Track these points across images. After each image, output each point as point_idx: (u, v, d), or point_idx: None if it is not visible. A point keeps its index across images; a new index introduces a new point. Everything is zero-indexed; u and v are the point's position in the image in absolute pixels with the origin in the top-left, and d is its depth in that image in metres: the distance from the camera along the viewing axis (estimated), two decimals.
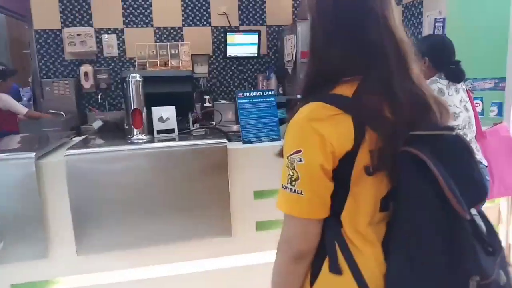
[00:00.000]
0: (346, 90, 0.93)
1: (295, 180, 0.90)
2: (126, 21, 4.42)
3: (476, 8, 2.93)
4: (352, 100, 0.91)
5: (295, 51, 3.89)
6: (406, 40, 0.95)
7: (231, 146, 2.13)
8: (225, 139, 2.07)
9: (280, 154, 0.98)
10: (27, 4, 4.22)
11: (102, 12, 4.37)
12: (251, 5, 4.59)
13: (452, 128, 0.91)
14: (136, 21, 4.44)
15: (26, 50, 4.60)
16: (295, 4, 4.66)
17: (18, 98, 4.70)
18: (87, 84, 4.29)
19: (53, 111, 4.04)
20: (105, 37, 4.40)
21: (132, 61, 4.43)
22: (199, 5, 4.52)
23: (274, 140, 2.24)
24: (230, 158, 2.08)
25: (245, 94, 2.24)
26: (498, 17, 2.70)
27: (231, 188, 2.10)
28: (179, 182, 2.03)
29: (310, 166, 0.89)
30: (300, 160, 0.89)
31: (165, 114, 2.16)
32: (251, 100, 2.24)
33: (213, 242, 2.12)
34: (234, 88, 4.73)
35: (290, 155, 0.90)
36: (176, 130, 2.21)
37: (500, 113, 2.62)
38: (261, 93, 2.28)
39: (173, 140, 2.15)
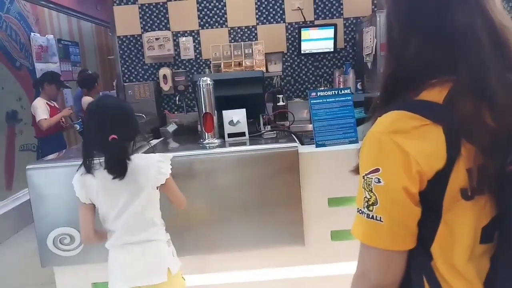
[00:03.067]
0: (435, 94, 0.76)
1: (372, 204, 0.76)
2: (202, 23, 4.48)
3: None
4: (443, 107, 0.74)
5: (374, 43, 3.64)
6: (508, 26, 0.76)
7: (303, 149, 2.02)
8: (296, 143, 1.96)
9: (356, 171, 0.84)
10: (111, 12, 4.45)
11: (179, 16, 4.46)
12: None
13: None
14: (211, 22, 4.48)
15: (111, 56, 4.86)
16: None
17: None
18: (166, 87, 4.41)
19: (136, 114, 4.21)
20: (181, 40, 4.49)
21: (208, 62, 4.48)
22: (273, 2, 4.43)
23: (351, 142, 2.08)
24: (302, 163, 1.97)
25: (318, 93, 2.11)
26: None
27: (304, 194, 1.99)
28: (249, 188, 1.97)
29: (391, 189, 0.74)
30: (379, 181, 0.75)
31: (236, 117, 2.11)
32: (325, 100, 2.10)
33: (285, 250, 2.03)
34: (309, 86, 4.57)
35: (366, 175, 0.77)
36: (246, 133, 2.15)
37: None
38: (336, 91, 2.12)
39: (244, 144, 2.09)
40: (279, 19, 4.46)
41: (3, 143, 4.63)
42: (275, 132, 2.31)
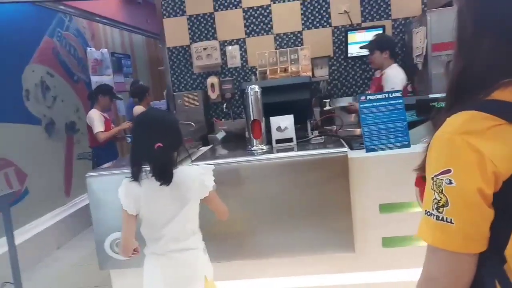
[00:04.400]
0: (508, 94, 0.74)
1: (442, 206, 0.75)
2: (248, 31, 4.54)
3: None
4: None
5: (425, 44, 3.52)
6: None
7: (353, 154, 1.98)
8: (345, 148, 1.94)
9: (421, 170, 0.84)
10: (161, 25, 4.62)
11: (226, 25, 4.55)
12: None
13: None
14: (257, 29, 4.52)
15: (161, 67, 5.03)
16: None
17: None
18: (213, 95, 4.50)
19: (183, 122, 4.33)
20: (228, 48, 4.57)
21: (254, 69, 4.53)
22: (319, 6, 4.41)
23: (402, 147, 2.02)
24: (351, 168, 1.94)
25: (368, 97, 2.07)
26: None
27: (354, 200, 1.95)
28: (298, 193, 1.97)
29: (464, 191, 0.72)
30: (450, 183, 0.73)
31: (283, 124, 2.11)
32: (375, 104, 2.06)
33: (334, 257, 2.00)
34: (356, 89, 4.49)
35: (436, 176, 0.75)
36: (294, 139, 2.15)
37: None
38: (387, 95, 2.07)
39: (292, 149, 2.09)
40: (325, 23, 4.43)
41: (63, 152, 4.92)
42: (323, 137, 2.29)
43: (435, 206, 0.75)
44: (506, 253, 0.74)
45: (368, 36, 4.14)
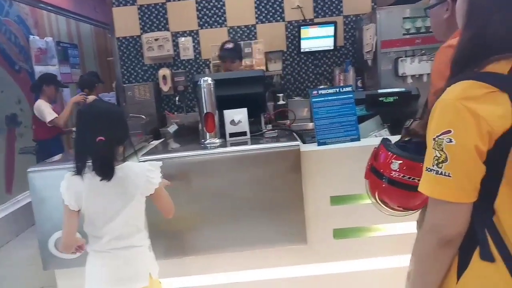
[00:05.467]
0: (501, 67, 0.86)
1: (442, 162, 0.87)
2: (201, 23, 4.47)
3: None
4: (508, 76, 0.86)
5: (375, 41, 3.63)
6: None
7: (305, 148, 2.00)
8: (298, 141, 1.95)
9: (419, 130, 1.04)
10: (110, 14, 4.45)
11: (178, 16, 4.45)
12: None
13: None
14: (211, 22, 4.47)
15: (110, 58, 4.85)
16: None
17: None
18: (165, 87, 4.40)
19: (134, 115, 4.20)
20: (181, 40, 4.48)
21: (208, 62, 4.47)
22: (272, 0, 4.42)
23: (352, 140, 2.07)
24: (304, 161, 1.96)
25: (319, 92, 2.10)
26: None
27: (306, 193, 1.97)
28: (252, 187, 1.96)
29: (463, 147, 0.85)
30: (450, 141, 0.85)
31: (237, 117, 2.10)
32: (326, 98, 2.09)
33: (287, 249, 2.02)
34: (309, 84, 4.57)
35: (438, 136, 0.87)
36: (248, 133, 2.14)
37: None
38: (338, 89, 2.11)
39: (245, 143, 2.07)
40: (278, 18, 4.45)
41: (3, 147, 4.62)
42: (276, 131, 2.30)
43: (436, 162, 0.87)
44: (496, 205, 0.86)
45: (321, 31, 4.22)
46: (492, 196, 0.87)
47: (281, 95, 4.06)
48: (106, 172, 1.48)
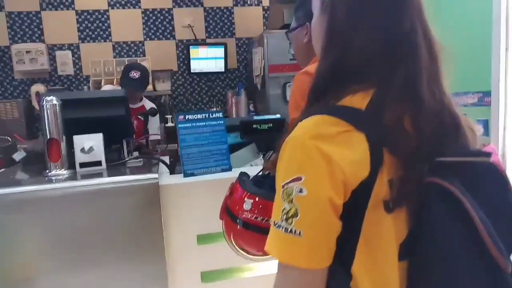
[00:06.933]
0: (358, 100, 0.72)
1: (292, 216, 0.69)
2: (82, 36, 4.07)
3: (456, 15, 2.63)
4: (366, 114, 0.71)
5: (262, 64, 3.56)
6: (438, 41, 0.78)
7: (167, 180, 1.77)
8: (155, 174, 1.71)
9: (271, 168, 0.85)
10: None
11: (55, 27, 4.01)
12: (218, 16, 4.27)
13: (487, 154, 0.70)
14: (93, 35, 4.09)
15: None
16: (266, 14, 4.35)
17: None
18: (38, 105, 3.89)
19: None
20: (58, 53, 4.04)
21: (90, 79, 4.08)
22: (162, 17, 4.19)
23: (223, 170, 1.89)
24: (165, 196, 1.72)
25: (187, 117, 1.89)
26: (478, 23, 2.40)
27: (169, 231, 1.73)
28: (106, 226, 1.67)
29: (315, 200, 0.68)
30: (301, 191, 0.68)
31: (88, 144, 1.80)
32: (194, 124, 1.89)
33: None
34: (203, 106, 4.39)
35: (287, 184, 0.70)
36: (103, 162, 1.85)
37: (486, 133, 2.29)
38: (207, 115, 1.92)
39: (100, 175, 1.78)
40: (168, 36, 4.23)
41: None
42: (141, 160, 2.03)
43: (284, 217, 0.70)
44: (353, 270, 0.71)
45: (211, 52, 4.07)
46: (349, 259, 0.72)
47: (169, 116, 3.82)
48: None
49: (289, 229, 0.69)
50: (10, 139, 3.71)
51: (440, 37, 0.80)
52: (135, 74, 2.85)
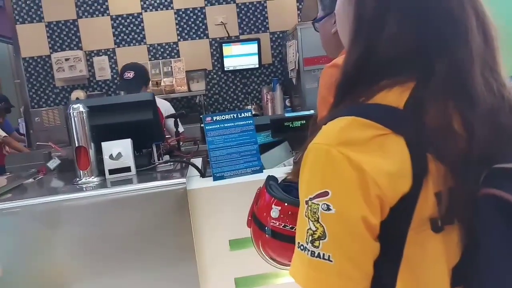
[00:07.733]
0: (394, 97, 0.61)
1: (319, 238, 0.58)
2: (117, 41, 4.12)
3: None
4: (404, 112, 0.59)
5: (297, 58, 3.44)
6: (493, 23, 0.64)
7: (196, 185, 1.71)
8: (183, 179, 1.65)
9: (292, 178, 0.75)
10: (14, 32, 4.00)
11: (91, 33, 4.09)
12: (250, 11, 4.19)
13: None
14: (128, 39, 4.13)
15: (17, 80, 4.39)
16: (300, 6, 4.21)
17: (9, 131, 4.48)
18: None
19: (41, 143, 3.75)
20: (96, 59, 4.11)
21: None
22: (194, 17, 4.16)
23: (254, 172, 1.80)
24: (194, 201, 1.66)
25: (214, 118, 1.82)
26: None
27: (199, 238, 1.67)
28: (136, 233, 1.64)
29: (346, 219, 0.57)
30: (328, 209, 0.58)
31: (116, 150, 1.77)
32: (222, 125, 1.81)
33: None
34: (238, 104, 4.33)
35: (311, 199, 0.59)
36: (133, 168, 1.81)
37: None
38: (236, 115, 1.84)
39: (129, 182, 1.75)
40: (202, 35, 4.19)
41: None
42: (171, 164, 1.99)
43: (310, 238, 0.59)
44: None
45: (244, 49, 3.99)
46: (390, 285, 0.61)
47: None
48: None
49: (316, 253, 0.59)
50: (53, 145, 3.82)
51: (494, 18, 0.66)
52: (129, 75, 2.80)
